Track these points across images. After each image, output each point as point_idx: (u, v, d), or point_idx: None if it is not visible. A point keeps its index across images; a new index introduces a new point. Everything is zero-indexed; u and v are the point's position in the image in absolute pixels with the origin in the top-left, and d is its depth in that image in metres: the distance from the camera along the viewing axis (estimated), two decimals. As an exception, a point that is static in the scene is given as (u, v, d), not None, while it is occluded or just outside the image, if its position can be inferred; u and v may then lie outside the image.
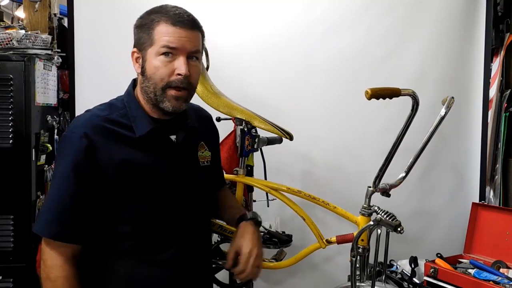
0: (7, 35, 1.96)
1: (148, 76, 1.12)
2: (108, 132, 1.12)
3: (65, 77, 2.25)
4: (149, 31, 1.12)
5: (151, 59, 1.11)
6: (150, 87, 1.13)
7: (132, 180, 1.12)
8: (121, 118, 1.15)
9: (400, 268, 2.04)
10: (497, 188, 2.36)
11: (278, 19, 2.25)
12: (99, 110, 1.18)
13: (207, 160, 1.30)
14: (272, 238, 1.90)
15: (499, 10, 2.41)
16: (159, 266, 1.16)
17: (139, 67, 1.16)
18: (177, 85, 1.12)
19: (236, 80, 2.18)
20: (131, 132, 1.14)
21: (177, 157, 1.20)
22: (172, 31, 1.10)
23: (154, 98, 1.13)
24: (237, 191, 1.76)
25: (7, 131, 1.89)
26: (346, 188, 2.18)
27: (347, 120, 2.26)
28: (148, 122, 1.15)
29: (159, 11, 1.13)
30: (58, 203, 1.09)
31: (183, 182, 1.20)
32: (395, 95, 1.27)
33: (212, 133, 1.41)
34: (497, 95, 2.34)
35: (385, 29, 2.26)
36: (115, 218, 1.13)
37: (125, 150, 1.12)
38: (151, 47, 1.11)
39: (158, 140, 1.17)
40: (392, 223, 1.35)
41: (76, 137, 1.09)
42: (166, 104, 1.13)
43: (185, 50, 1.11)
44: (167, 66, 1.10)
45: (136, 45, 1.16)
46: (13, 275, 1.90)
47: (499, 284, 1.77)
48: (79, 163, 1.08)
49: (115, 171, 1.10)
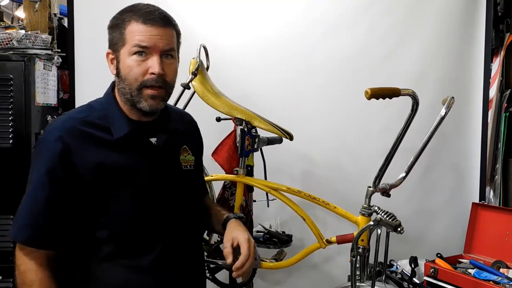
0: (7, 35, 1.96)
1: (123, 76, 1.11)
2: (84, 135, 1.09)
3: (65, 77, 2.25)
4: (120, 30, 1.10)
5: (125, 59, 1.09)
6: (126, 88, 1.11)
7: (108, 183, 1.09)
8: (98, 120, 1.12)
9: (400, 268, 2.04)
10: (497, 188, 2.36)
11: (278, 19, 2.25)
12: (76, 112, 1.16)
13: (190, 164, 1.27)
14: (272, 238, 1.90)
15: (499, 10, 2.41)
16: (140, 272, 1.12)
17: (114, 69, 1.14)
18: (152, 84, 1.09)
19: (236, 80, 2.18)
20: (109, 134, 1.11)
21: (157, 160, 1.17)
22: (143, 30, 1.07)
23: (131, 98, 1.11)
24: (237, 191, 1.76)
25: (7, 131, 1.89)
26: (346, 188, 2.18)
27: (347, 120, 2.26)
28: (126, 124, 1.13)
29: (131, 10, 1.11)
30: (32, 208, 1.06)
31: (163, 185, 1.17)
32: (395, 95, 1.27)
33: (196, 138, 1.38)
34: (497, 95, 2.34)
35: (385, 29, 2.26)
36: (93, 223, 1.10)
37: (101, 153, 1.09)
38: (123, 47, 1.09)
39: (137, 142, 1.15)
40: (392, 223, 1.35)
41: (51, 140, 1.07)
42: (143, 104, 1.10)
43: (158, 48, 1.09)
44: (141, 66, 1.08)
45: (110, 46, 1.14)
46: (13, 275, 1.89)
47: (499, 284, 1.77)
48: (54, 167, 1.05)
49: (91, 174, 1.07)
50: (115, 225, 1.11)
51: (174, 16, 1.17)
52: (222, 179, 1.82)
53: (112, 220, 1.10)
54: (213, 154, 1.80)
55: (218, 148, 1.81)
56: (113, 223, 1.10)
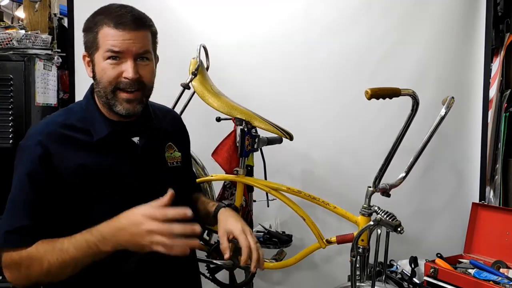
0: (7, 35, 1.96)
1: (98, 80, 1.10)
2: (64, 138, 1.08)
3: (65, 77, 2.25)
4: (93, 34, 1.09)
5: (99, 63, 1.09)
6: (101, 91, 1.10)
7: (91, 185, 1.08)
8: (78, 122, 1.12)
9: (400, 268, 2.04)
10: (497, 188, 2.36)
11: (278, 19, 2.25)
12: (55, 116, 1.15)
13: (176, 161, 1.26)
14: (272, 238, 1.90)
15: (499, 10, 2.41)
16: (126, 274, 1.11)
17: (90, 71, 1.13)
18: (126, 87, 1.08)
19: (235, 80, 2.18)
20: (89, 136, 1.11)
21: (141, 159, 1.16)
22: (115, 35, 1.06)
23: (107, 102, 1.11)
24: (237, 191, 1.76)
25: (7, 131, 1.89)
26: (346, 188, 2.18)
27: (347, 120, 2.26)
28: (106, 125, 1.12)
29: (103, 12, 1.09)
30: (16, 214, 1.05)
31: (148, 184, 1.16)
32: (395, 95, 1.27)
33: (182, 134, 1.37)
34: (497, 95, 2.34)
35: (385, 29, 2.26)
36: (78, 225, 1.06)
37: (82, 155, 1.08)
38: (97, 51, 1.09)
39: (119, 143, 1.14)
40: (392, 223, 1.35)
41: (31, 145, 1.07)
42: (119, 107, 1.10)
43: (131, 52, 1.07)
44: (115, 69, 1.07)
45: (85, 48, 1.13)
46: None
47: (499, 284, 1.77)
48: (35, 171, 1.05)
49: (73, 177, 1.07)
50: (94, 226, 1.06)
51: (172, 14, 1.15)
52: (222, 179, 1.82)
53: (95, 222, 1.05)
54: (213, 154, 1.80)
55: (218, 148, 1.81)
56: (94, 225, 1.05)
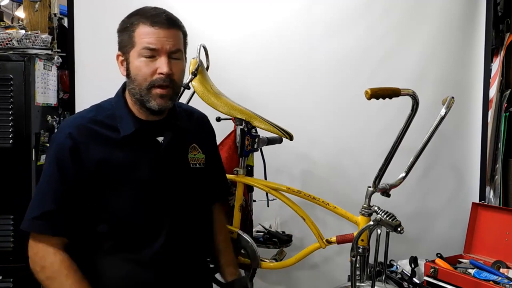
0: (7, 35, 1.96)
1: (132, 77, 1.16)
2: (91, 133, 1.15)
3: (65, 77, 2.25)
4: (129, 33, 1.15)
5: (134, 60, 1.15)
6: (136, 88, 1.16)
7: (109, 179, 1.15)
8: (106, 119, 1.19)
9: (400, 268, 2.04)
10: (497, 188, 2.36)
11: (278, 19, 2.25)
12: (86, 111, 1.22)
13: (199, 163, 1.30)
14: (272, 238, 1.90)
15: (499, 10, 2.41)
16: (140, 265, 1.17)
17: (124, 70, 1.19)
18: (160, 83, 1.14)
19: (234, 80, 2.18)
20: (115, 133, 1.17)
21: (163, 159, 1.21)
22: (151, 32, 1.13)
23: (140, 98, 1.16)
24: (237, 191, 1.76)
25: (7, 131, 1.89)
26: (346, 188, 2.18)
27: (347, 120, 2.26)
28: (134, 123, 1.18)
29: (138, 13, 1.17)
30: (44, 199, 1.13)
31: (166, 183, 1.21)
32: (395, 95, 1.27)
33: (208, 134, 1.41)
34: (497, 95, 2.34)
35: (385, 29, 2.26)
36: (96, 217, 1.16)
37: (106, 150, 1.15)
38: (132, 49, 1.15)
39: (143, 141, 1.19)
40: (392, 223, 1.35)
41: (62, 137, 1.15)
42: (152, 103, 1.15)
43: (165, 49, 1.14)
44: (149, 66, 1.13)
45: (119, 48, 1.19)
46: (13, 275, 1.90)
47: (499, 284, 1.77)
48: (64, 161, 1.13)
49: (95, 170, 1.14)
50: (114, 220, 1.16)
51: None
52: (222, 179, 1.82)
53: (113, 214, 1.16)
54: (213, 154, 1.80)
55: (218, 148, 1.81)
56: (114, 218, 1.16)
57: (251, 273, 1.75)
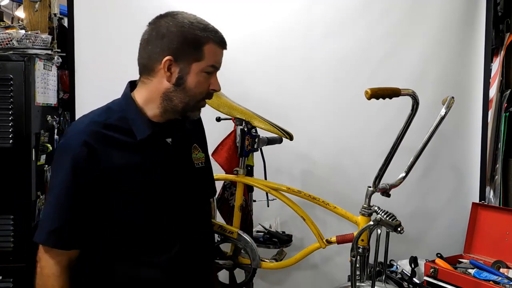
0: (7, 35, 1.96)
1: (186, 88, 1.15)
2: (107, 138, 1.11)
3: (65, 77, 2.25)
4: (197, 46, 1.14)
5: (195, 73, 1.15)
6: (185, 99, 1.16)
7: (129, 184, 1.13)
8: (118, 122, 1.14)
9: (400, 268, 2.04)
10: (497, 188, 2.36)
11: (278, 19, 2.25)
12: (96, 115, 1.16)
13: (201, 162, 1.31)
14: (272, 238, 1.90)
15: (499, 10, 2.41)
16: (157, 268, 1.16)
17: (170, 76, 1.14)
18: (208, 98, 1.22)
19: (236, 80, 2.18)
20: (129, 136, 1.14)
21: (173, 160, 1.21)
22: (219, 53, 1.19)
23: (185, 107, 1.17)
24: (237, 191, 1.76)
25: (7, 131, 1.89)
26: (346, 188, 2.18)
27: (347, 120, 2.26)
28: (148, 126, 1.16)
29: (206, 29, 1.16)
30: (59, 213, 1.09)
31: (178, 184, 1.21)
32: (395, 95, 1.27)
33: (203, 133, 1.42)
34: (497, 95, 2.34)
35: (385, 29, 2.26)
36: (113, 222, 1.14)
37: (125, 155, 1.12)
38: (197, 62, 1.14)
39: (155, 143, 1.18)
40: (392, 223, 1.35)
41: (76, 145, 1.08)
42: (195, 113, 1.22)
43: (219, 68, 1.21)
44: (207, 82, 1.18)
45: (173, 54, 1.13)
46: (13, 275, 1.90)
47: (499, 284, 1.77)
48: (82, 170, 1.08)
49: (114, 177, 1.11)
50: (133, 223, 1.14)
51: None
52: (222, 179, 1.82)
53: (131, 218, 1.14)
54: (213, 154, 1.80)
55: (218, 148, 1.81)
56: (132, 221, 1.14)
57: (251, 273, 1.75)
